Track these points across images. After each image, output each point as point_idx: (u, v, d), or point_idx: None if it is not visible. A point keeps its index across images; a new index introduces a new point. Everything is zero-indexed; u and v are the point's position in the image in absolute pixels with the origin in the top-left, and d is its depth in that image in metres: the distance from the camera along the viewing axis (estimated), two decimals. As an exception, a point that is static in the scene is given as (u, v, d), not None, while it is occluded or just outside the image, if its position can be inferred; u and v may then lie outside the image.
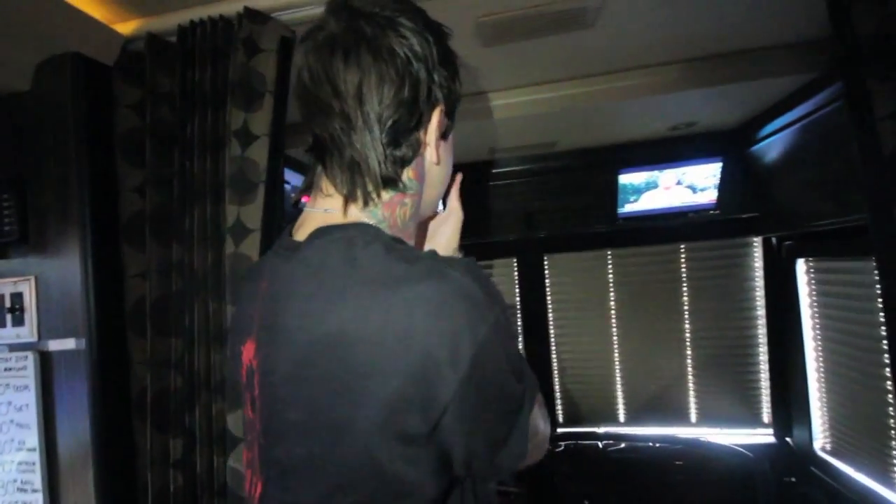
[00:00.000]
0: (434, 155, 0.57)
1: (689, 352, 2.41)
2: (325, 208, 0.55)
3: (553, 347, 2.51)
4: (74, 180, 1.00)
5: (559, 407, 2.55)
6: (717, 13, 1.22)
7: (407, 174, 0.56)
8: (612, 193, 2.13)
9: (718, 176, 2.06)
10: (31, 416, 0.97)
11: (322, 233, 0.52)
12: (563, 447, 2.30)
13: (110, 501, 0.98)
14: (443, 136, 0.59)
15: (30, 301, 0.99)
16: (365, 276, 0.45)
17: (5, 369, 0.98)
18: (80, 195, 1.00)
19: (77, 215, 1.00)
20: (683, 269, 2.39)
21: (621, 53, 1.43)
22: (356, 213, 0.54)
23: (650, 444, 2.25)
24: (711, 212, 2.15)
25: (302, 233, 0.55)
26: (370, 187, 0.53)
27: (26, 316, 0.99)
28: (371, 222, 0.54)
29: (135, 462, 1.01)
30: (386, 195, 0.55)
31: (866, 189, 0.76)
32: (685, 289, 2.39)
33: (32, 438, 0.96)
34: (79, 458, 0.97)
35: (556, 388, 2.53)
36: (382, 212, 0.55)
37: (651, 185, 2.13)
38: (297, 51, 1.01)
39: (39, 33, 0.96)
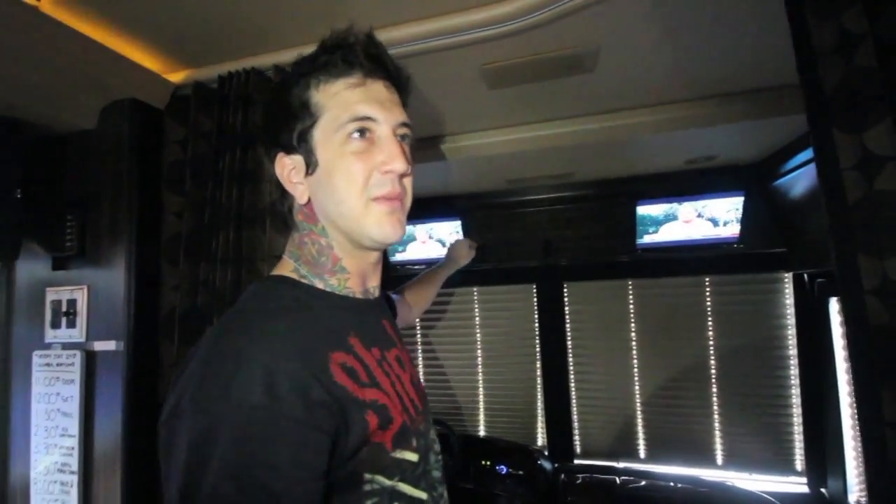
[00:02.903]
0: (298, 195, 0.64)
1: (714, 389, 2.32)
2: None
3: (571, 376, 2.49)
4: (125, 204, 1.18)
5: (577, 439, 2.51)
6: (721, 54, 1.25)
7: (297, 217, 0.67)
8: (630, 224, 2.14)
9: (741, 209, 2.03)
10: (75, 406, 1.13)
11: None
12: (580, 480, 2.26)
13: (137, 487, 1.11)
14: (309, 172, 0.63)
15: (82, 306, 1.16)
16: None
17: (57, 364, 1.15)
18: (129, 217, 1.18)
19: (126, 234, 1.18)
20: (708, 303, 2.33)
21: (630, 92, 1.49)
22: (285, 256, 0.68)
23: (672, 484, 2.16)
24: (735, 245, 2.11)
25: None
26: (289, 232, 0.69)
27: (78, 319, 1.16)
28: (291, 262, 0.67)
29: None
30: (296, 236, 0.68)
31: (831, 236, 0.77)
32: (710, 324, 2.32)
33: (74, 426, 1.12)
34: (110, 448, 1.12)
35: (574, 418, 2.50)
36: (296, 251, 0.67)
37: (670, 217, 2.13)
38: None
39: (104, 83, 1.15)
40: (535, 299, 2.52)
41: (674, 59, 1.26)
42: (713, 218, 2.09)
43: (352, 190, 0.61)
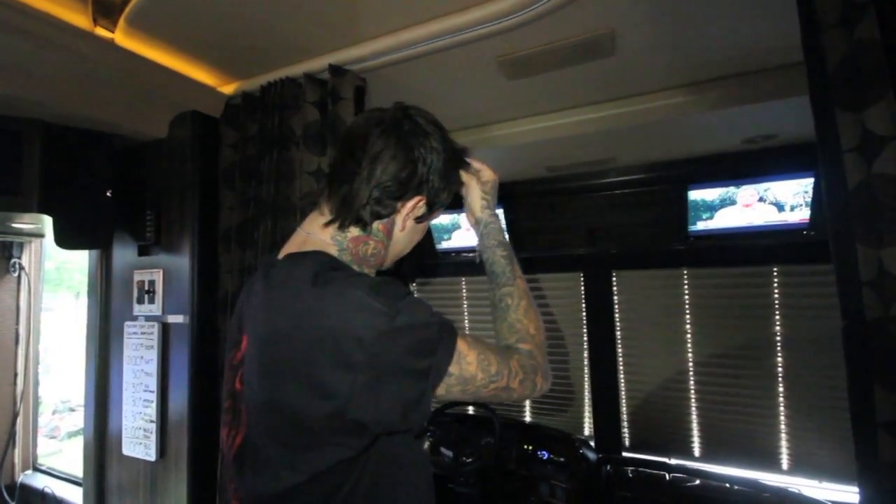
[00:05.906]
0: (401, 224, 0.79)
1: (781, 388, 2.14)
2: (307, 231, 0.78)
3: (620, 367, 2.43)
4: (190, 201, 1.39)
5: (625, 431, 2.45)
6: (758, 27, 1.16)
7: (377, 225, 0.77)
8: (680, 210, 2.03)
9: (810, 192, 1.83)
10: (154, 367, 1.39)
11: (290, 259, 0.75)
12: (627, 473, 2.22)
13: (200, 432, 1.34)
14: (417, 218, 0.80)
15: (159, 286, 1.41)
16: (304, 289, 0.67)
17: (142, 333, 1.42)
18: (193, 212, 1.39)
19: (190, 226, 1.39)
20: (776, 295, 2.13)
21: (658, 73, 1.42)
22: (327, 237, 0.76)
23: (728, 485, 2.05)
24: (805, 232, 1.91)
25: (285, 249, 0.77)
26: (348, 219, 0.75)
27: (156, 297, 1.41)
28: (334, 246, 0.76)
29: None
30: (356, 231, 0.76)
31: (830, 224, 0.72)
32: (778, 317, 2.13)
33: (153, 384, 1.38)
34: (180, 401, 1.35)
35: (623, 410, 2.44)
36: (347, 242, 0.76)
37: (727, 202, 1.98)
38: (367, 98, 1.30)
39: (171, 98, 1.37)
40: (583, 287, 2.48)
41: (703, 37, 1.20)
42: (778, 202, 1.91)
43: (411, 247, 0.87)
